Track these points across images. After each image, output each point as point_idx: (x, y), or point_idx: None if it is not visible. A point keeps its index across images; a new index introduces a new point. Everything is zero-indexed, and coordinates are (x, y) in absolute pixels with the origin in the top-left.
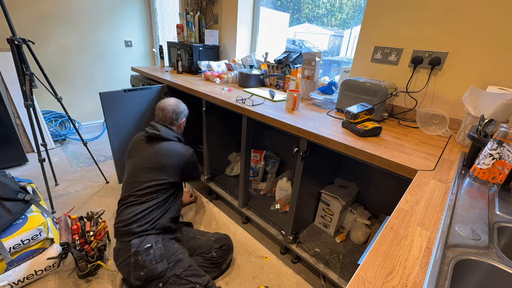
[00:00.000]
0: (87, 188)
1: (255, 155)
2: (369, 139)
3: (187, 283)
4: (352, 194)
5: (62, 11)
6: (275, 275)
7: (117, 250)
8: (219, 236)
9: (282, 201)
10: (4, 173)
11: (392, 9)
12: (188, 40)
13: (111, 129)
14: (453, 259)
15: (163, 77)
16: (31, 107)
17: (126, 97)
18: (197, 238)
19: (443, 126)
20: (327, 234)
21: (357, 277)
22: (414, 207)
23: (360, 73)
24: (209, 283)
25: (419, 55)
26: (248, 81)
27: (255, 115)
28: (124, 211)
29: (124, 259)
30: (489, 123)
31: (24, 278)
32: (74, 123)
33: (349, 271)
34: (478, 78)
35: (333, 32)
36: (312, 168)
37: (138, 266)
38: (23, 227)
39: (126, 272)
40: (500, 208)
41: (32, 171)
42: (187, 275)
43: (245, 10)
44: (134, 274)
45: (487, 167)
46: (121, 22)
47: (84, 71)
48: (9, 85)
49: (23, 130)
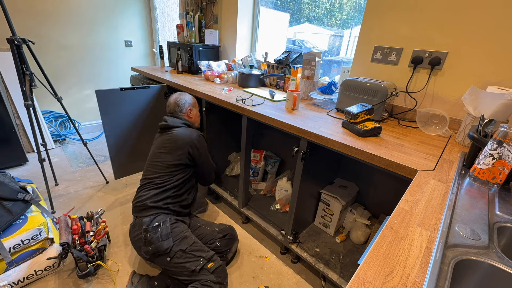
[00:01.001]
0: (87, 188)
1: (255, 155)
2: (369, 139)
3: (192, 257)
4: (352, 194)
5: (62, 11)
6: (275, 275)
7: (132, 226)
8: (223, 227)
9: (282, 201)
10: (4, 173)
11: (392, 9)
12: (188, 40)
13: (106, 127)
14: (453, 259)
15: (163, 77)
16: (31, 107)
17: (122, 96)
18: (203, 228)
19: (443, 126)
20: (327, 234)
21: (357, 277)
22: (414, 207)
23: (360, 73)
24: (213, 257)
25: (419, 55)
26: (248, 81)
27: (255, 115)
28: (140, 192)
29: (137, 234)
30: (489, 123)
31: (24, 278)
32: (74, 123)
33: (349, 271)
34: (478, 78)
35: (333, 32)
36: (312, 168)
37: (147, 241)
38: (23, 227)
39: (138, 247)
40: (500, 208)
41: (32, 171)
42: (192, 250)
43: (245, 10)
44: (143, 249)
45: (487, 167)
46: (121, 22)
47: (84, 71)
48: (9, 85)
49: (23, 130)
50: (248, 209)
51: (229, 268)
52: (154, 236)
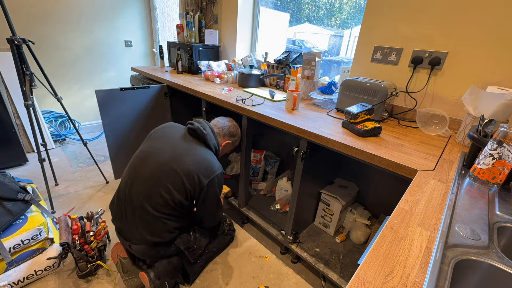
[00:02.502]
0: (87, 188)
1: (255, 155)
2: (369, 139)
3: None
4: (352, 194)
5: (62, 11)
6: (275, 275)
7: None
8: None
9: (282, 201)
10: (4, 173)
11: (392, 9)
12: (188, 40)
13: (106, 127)
14: (453, 259)
15: (163, 77)
16: (31, 107)
17: (122, 96)
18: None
19: (443, 126)
20: (327, 234)
21: (357, 277)
22: (414, 207)
23: (360, 73)
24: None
25: (419, 55)
26: (248, 81)
27: (255, 115)
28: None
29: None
30: (489, 123)
31: (24, 278)
32: (74, 123)
33: (349, 271)
34: (478, 78)
35: (333, 32)
36: (312, 168)
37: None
38: (23, 227)
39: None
40: (500, 208)
41: (32, 171)
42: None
43: (245, 10)
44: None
45: (487, 167)
46: (121, 22)
47: (84, 71)
48: (9, 85)
49: (23, 130)
50: (248, 209)
51: (229, 268)
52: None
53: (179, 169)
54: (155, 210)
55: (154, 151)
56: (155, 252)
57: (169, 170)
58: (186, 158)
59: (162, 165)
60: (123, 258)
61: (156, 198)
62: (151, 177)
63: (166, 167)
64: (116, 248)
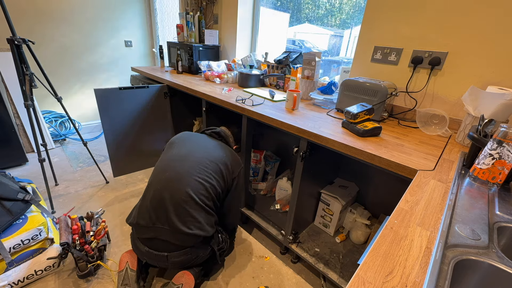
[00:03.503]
0: (87, 188)
1: (255, 155)
2: (369, 139)
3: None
4: (352, 194)
5: (62, 11)
6: (275, 275)
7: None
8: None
9: (282, 201)
10: (4, 173)
11: (392, 9)
12: (188, 40)
13: (105, 125)
14: (453, 259)
15: (163, 77)
16: (31, 107)
17: (121, 95)
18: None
19: (443, 126)
20: (327, 234)
21: (357, 277)
22: (414, 207)
23: (360, 73)
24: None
25: (419, 55)
26: (248, 81)
27: (255, 115)
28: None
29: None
30: (489, 123)
31: (24, 278)
32: (74, 123)
33: (349, 271)
34: (478, 78)
35: (333, 32)
36: (312, 168)
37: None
38: (23, 227)
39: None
40: (500, 208)
41: (32, 171)
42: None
43: (245, 10)
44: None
45: (487, 167)
46: (121, 22)
47: (84, 71)
48: (9, 85)
49: (23, 130)
50: (248, 209)
51: (229, 269)
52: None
53: (216, 160)
54: (200, 200)
55: (188, 152)
56: (195, 256)
57: (208, 162)
58: (218, 152)
59: (201, 159)
60: (131, 269)
61: (200, 188)
62: (193, 168)
63: (205, 160)
64: (128, 255)
